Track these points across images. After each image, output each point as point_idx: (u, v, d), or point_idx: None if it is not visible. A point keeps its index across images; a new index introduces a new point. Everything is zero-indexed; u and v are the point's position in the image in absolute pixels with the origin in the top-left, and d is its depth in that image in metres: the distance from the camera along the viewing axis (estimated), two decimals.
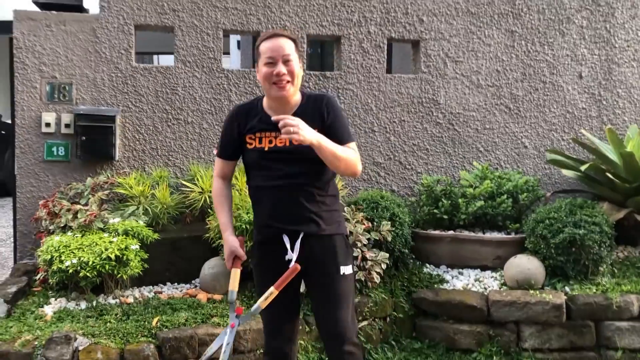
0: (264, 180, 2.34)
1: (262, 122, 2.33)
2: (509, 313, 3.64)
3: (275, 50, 2.24)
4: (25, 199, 4.11)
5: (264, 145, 2.31)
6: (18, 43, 4.05)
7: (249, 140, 2.35)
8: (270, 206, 2.33)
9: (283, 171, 2.29)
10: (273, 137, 2.30)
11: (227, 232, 2.42)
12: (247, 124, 2.35)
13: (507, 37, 4.77)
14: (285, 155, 2.29)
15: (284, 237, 2.33)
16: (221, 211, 2.46)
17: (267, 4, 4.38)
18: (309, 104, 2.35)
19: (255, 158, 2.35)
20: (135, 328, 3.14)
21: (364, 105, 4.58)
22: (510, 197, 4.19)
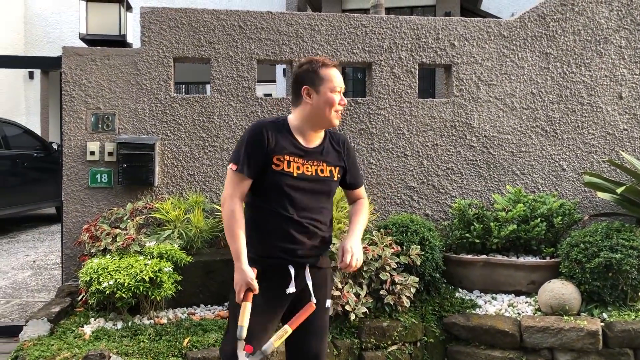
0: (282, 208, 2.26)
1: (293, 146, 2.29)
2: (542, 339, 3.56)
3: (341, 81, 2.32)
4: (71, 224, 4.33)
5: (292, 170, 2.27)
6: (66, 77, 4.32)
7: (277, 162, 2.26)
8: (283, 236, 2.26)
9: (305, 202, 2.28)
10: (301, 163, 2.29)
11: (242, 261, 2.22)
12: (278, 144, 2.27)
13: (541, 60, 4.73)
14: (311, 184, 2.29)
15: (290, 268, 2.28)
16: (239, 237, 2.24)
17: (299, 34, 4.52)
18: (331, 140, 2.41)
19: (280, 182, 2.25)
20: (167, 348, 3.25)
21: (396, 129, 4.63)
22: (545, 221, 4.11)
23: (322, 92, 2.28)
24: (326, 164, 2.34)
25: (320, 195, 2.33)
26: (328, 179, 2.34)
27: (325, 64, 2.31)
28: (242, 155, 2.26)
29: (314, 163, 2.31)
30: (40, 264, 6.46)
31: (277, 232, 2.26)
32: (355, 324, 3.60)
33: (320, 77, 2.28)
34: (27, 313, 4.63)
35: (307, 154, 2.31)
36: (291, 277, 2.27)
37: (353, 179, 2.49)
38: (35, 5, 12.70)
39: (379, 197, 4.61)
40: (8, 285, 5.58)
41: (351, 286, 3.62)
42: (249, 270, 2.20)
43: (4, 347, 3.96)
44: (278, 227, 2.26)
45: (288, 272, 2.27)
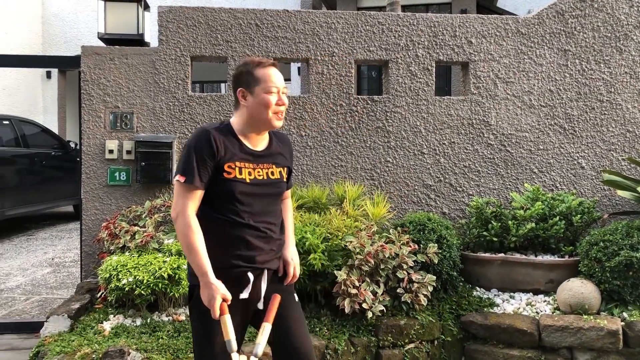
0: (237, 216, 2.17)
1: (242, 151, 2.20)
2: (561, 338, 3.53)
3: (280, 80, 2.21)
4: (90, 222, 4.38)
5: (244, 177, 2.18)
6: (85, 76, 4.37)
7: (228, 169, 2.15)
8: (240, 244, 2.18)
9: (259, 207, 2.21)
10: (252, 168, 2.21)
11: (210, 275, 2.09)
12: (228, 150, 2.17)
13: (559, 57, 4.69)
14: (264, 188, 2.22)
15: (249, 274, 2.19)
16: (200, 251, 2.10)
17: (315, 32, 4.52)
18: (276, 140, 2.33)
19: (233, 190, 2.16)
20: (185, 344, 3.27)
21: (413, 127, 4.61)
22: (563, 219, 4.08)
23: (256, 93, 2.17)
24: (275, 165, 2.28)
25: (272, 198, 2.28)
26: (278, 181, 2.29)
27: (260, 63, 2.21)
28: (191, 166, 2.12)
29: (264, 166, 2.24)
30: (59, 262, 6.54)
31: (234, 240, 2.17)
32: (372, 322, 3.60)
33: (255, 78, 2.18)
34: (47, 309, 4.68)
35: (256, 158, 2.23)
36: (249, 283, 2.19)
37: (289, 178, 2.42)
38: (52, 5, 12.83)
39: (396, 196, 4.60)
40: (28, 282, 5.66)
41: (368, 284, 3.62)
42: (218, 283, 2.09)
43: (25, 342, 4.01)
44: (234, 235, 2.17)
45: (247, 279, 2.19)
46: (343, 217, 3.98)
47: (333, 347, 3.41)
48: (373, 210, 4.12)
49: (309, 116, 4.54)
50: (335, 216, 3.97)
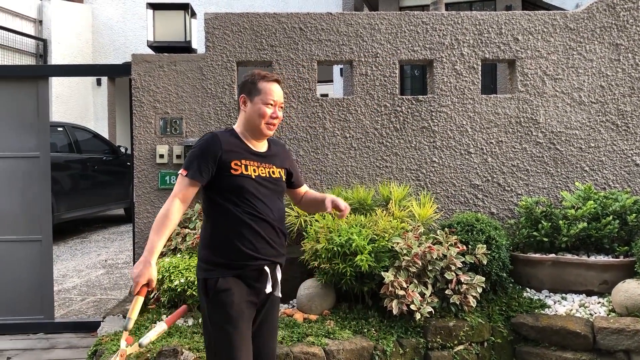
0: (250, 209, 2.34)
1: (247, 151, 2.41)
2: (617, 341, 3.44)
3: (278, 95, 2.43)
4: (142, 224, 4.51)
5: (250, 173, 2.36)
6: (135, 83, 4.50)
7: (235, 166, 2.35)
8: (260, 238, 2.34)
9: (269, 202, 2.39)
10: (256, 166, 2.40)
11: (152, 257, 2.23)
12: (233, 149, 2.37)
13: (611, 51, 4.56)
14: (269, 184, 2.41)
15: (266, 268, 2.38)
16: (159, 233, 2.25)
17: (359, 33, 4.53)
18: (275, 145, 2.56)
19: (241, 184, 2.34)
20: None
21: (459, 127, 4.57)
22: (617, 219, 3.97)
23: (255, 102, 2.40)
24: (275, 166, 2.47)
25: (277, 195, 2.46)
26: (279, 180, 2.48)
27: (265, 77, 2.43)
28: (194, 163, 2.34)
29: (266, 166, 2.43)
30: (112, 263, 6.75)
31: (251, 235, 2.33)
32: (421, 323, 3.58)
33: (256, 89, 2.41)
34: (102, 309, 4.85)
35: (259, 158, 2.43)
36: (268, 276, 2.38)
37: (297, 179, 2.66)
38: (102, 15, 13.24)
39: (442, 196, 4.56)
40: (83, 283, 5.86)
41: (416, 285, 3.61)
42: (154, 269, 2.24)
43: (83, 341, 4.16)
44: (251, 230, 2.33)
45: (264, 272, 2.37)
46: (389, 218, 3.98)
47: (381, 349, 3.41)
48: (419, 211, 4.11)
49: (353, 118, 4.56)
50: (381, 217, 3.97)
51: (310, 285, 3.82)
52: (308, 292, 3.79)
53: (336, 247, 3.60)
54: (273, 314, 2.48)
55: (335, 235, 3.67)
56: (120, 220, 9.99)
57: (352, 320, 3.66)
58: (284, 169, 2.53)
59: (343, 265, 3.60)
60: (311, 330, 3.49)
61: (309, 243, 3.81)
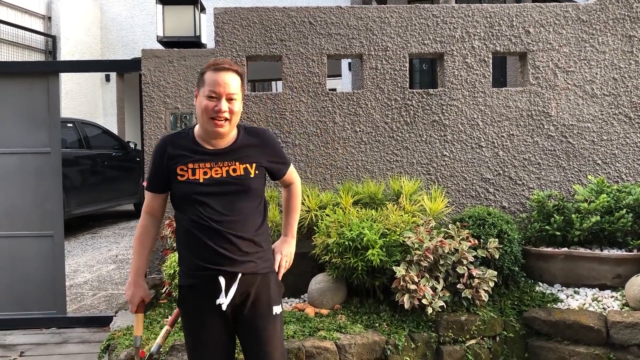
0: (196, 217, 2.15)
1: (196, 153, 2.19)
2: (631, 335, 3.41)
3: (221, 85, 2.12)
4: None
5: (198, 177, 2.16)
6: (145, 79, 4.50)
7: (181, 172, 2.17)
8: (206, 246, 2.15)
9: (220, 206, 2.16)
10: (208, 168, 2.17)
11: (140, 277, 2.28)
12: (178, 154, 2.19)
13: (624, 43, 4.51)
14: (223, 187, 2.17)
15: (220, 279, 2.14)
16: (140, 253, 2.28)
17: (368, 27, 4.51)
18: (246, 136, 2.26)
19: (188, 192, 2.16)
20: None
21: (470, 120, 4.54)
22: (631, 212, 3.93)
23: (200, 95, 2.16)
24: (239, 162, 2.20)
25: (237, 196, 2.19)
26: (243, 178, 2.20)
27: (213, 65, 2.16)
28: (150, 173, 2.28)
29: (224, 164, 2.19)
30: (122, 258, 6.77)
31: (197, 243, 2.16)
32: (432, 317, 3.57)
33: (202, 80, 2.16)
34: (113, 304, 4.87)
35: (214, 157, 2.19)
36: (221, 288, 2.14)
37: (278, 171, 2.38)
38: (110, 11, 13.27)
39: (453, 190, 4.54)
40: (94, 278, 5.89)
41: (427, 280, 3.60)
42: (145, 286, 2.31)
43: (95, 336, 4.19)
44: (196, 237, 2.16)
45: (218, 283, 2.14)
46: (400, 213, 3.97)
47: (393, 343, 3.41)
48: (430, 205, 4.09)
49: (363, 112, 4.54)
50: (392, 211, 3.96)
51: (321, 279, 3.81)
52: (319, 286, 3.78)
53: (347, 241, 3.59)
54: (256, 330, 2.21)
55: (347, 230, 3.66)
56: (130, 215, 10.02)
57: (364, 315, 3.66)
58: (255, 163, 2.23)
59: (354, 259, 3.59)
60: (323, 325, 3.49)
61: (320, 237, 3.80)
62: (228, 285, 2.15)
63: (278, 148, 2.38)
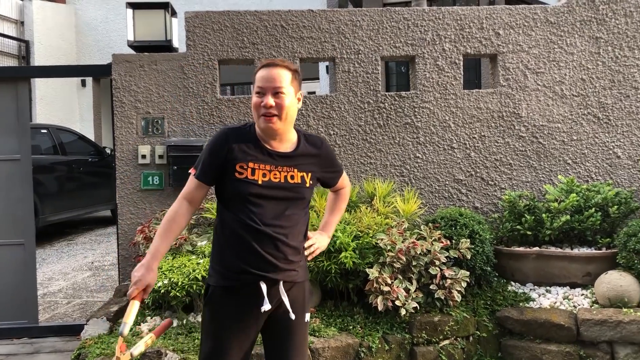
0: (248, 219, 2.11)
1: (258, 152, 2.15)
2: (600, 332, 3.46)
3: (268, 80, 2.12)
4: (125, 226, 4.48)
5: (257, 178, 2.12)
6: (116, 83, 4.46)
7: (240, 170, 2.12)
8: (251, 249, 2.10)
9: (272, 211, 2.13)
10: (267, 170, 2.14)
11: (155, 262, 2.13)
12: (240, 150, 2.14)
13: (591, 44, 4.59)
14: (279, 192, 2.14)
15: (262, 284, 2.11)
16: (163, 237, 2.16)
17: (340, 30, 4.52)
18: (306, 143, 2.25)
19: (244, 191, 2.11)
20: None
21: (442, 122, 4.57)
22: (600, 211, 3.99)
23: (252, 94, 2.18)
24: (297, 169, 2.18)
25: (290, 203, 2.16)
26: (298, 186, 2.18)
27: (263, 64, 2.18)
28: (202, 162, 2.19)
29: (283, 169, 2.16)
30: (98, 265, 6.70)
31: (242, 245, 2.12)
32: (406, 319, 3.59)
33: (254, 80, 2.17)
34: (88, 312, 4.81)
35: (276, 160, 2.16)
36: (263, 294, 2.10)
37: (331, 180, 2.41)
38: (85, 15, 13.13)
39: (426, 191, 4.57)
40: (69, 285, 5.82)
41: (401, 281, 3.61)
42: (156, 273, 2.14)
43: (68, 345, 4.13)
44: (242, 239, 2.11)
45: (260, 288, 2.10)
46: (373, 215, 3.98)
47: (367, 345, 3.42)
48: (404, 206, 4.11)
49: (337, 115, 4.55)
50: (365, 214, 3.97)
51: None
52: None
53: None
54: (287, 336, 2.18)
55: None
56: (106, 221, 9.92)
57: (338, 318, 3.66)
58: (311, 172, 2.21)
59: (328, 262, 3.59)
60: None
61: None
62: (269, 291, 2.11)
63: (333, 157, 2.39)
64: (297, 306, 2.19)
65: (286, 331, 2.18)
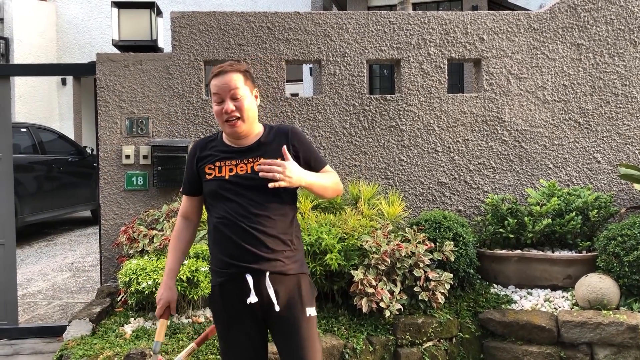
0: (225, 213, 2.17)
1: (222, 152, 2.25)
2: (580, 334, 3.52)
3: (222, 87, 2.18)
4: (109, 226, 4.44)
5: (224, 174, 2.20)
6: (100, 83, 4.43)
7: (208, 171, 2.24)
8: (231, 242, 2.16)
9: (246, 202, 2.16)
10: (234, 165, 2.21)
11: (171, 279, 2.31)
12: (207, 155, 2.26)
13: (572, 51, 4.67)
14: (248, 182, 2.17)
15: (247, 276, 2.14)
16: (172, 254, 2.34)
17: (326, 33, 4.54)
18: (271, 135, 2.28)
19: (215, 188, 2.20)
20: (205, 346, 3.31)
21: (426, 126, 4.61)
22: (580, 214, 4.06)
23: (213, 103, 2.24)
24: (263, 157, 2.18)
25: (263, 192, 2.14)
26: None
27: (213, 74, 2.21)
28: (184, 176, 2.37)
29: (249, 161, 2.21)
30: (79, 266, 6.62)
31: (223, 239, 2.18)
32: (390, 320, 3.61)
33: (210, 90, 2.23)
34: (68, 314, 4.75)
35: (238, 154, 2.22)
36: (250, 286, 2.13)
37: (313, 164, 2.28)
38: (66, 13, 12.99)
39: (411, 194, 4.61)
40: (49, 287, 5.74)
41: (385, 283, 3.63)
42: (175, 291, 2.34)
43: (48, 346, 4.08)
44: (223, 234, 2.18)
45: (246, 281, 2.14)
46: (358, 217, 4.00)
47: (351, 347, 3.43)
48: (388, 209, 4.14)
49: (322, 117, 4.56)
50: (350, 216, 3.99)
51: None
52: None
53: (306, 246, 3.60)
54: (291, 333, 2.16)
55: (305, 234, 3.67)
56: (86, 222, 9.81)
57: (322, 319, 3.67)
58: (277, 158, 2.15)
59: (313, 264, 3.60)
60: None
61: None
62: (256, 284, 2.13)
63: (309, 146, 2.31)
64: (293, 301, 2.17)
65: (289, 328, 2.16)
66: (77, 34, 12.97)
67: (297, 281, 2.22)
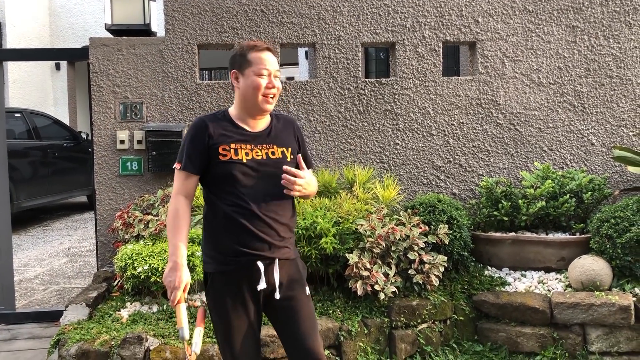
0: (238, 199, 2.16)
1: (237, 134, 2.22)
2: (573, 315, 3.56)
3: (271, 63, 2.22)
4: (104, 212, 4.44)
5: (241, 157, 2.18)
6: (94, 67, 4.40)
7: (223, 152, 2.17)
8: (245, 230, 2.15)
9: (261, 188, 2.18)
10: (249, 149, 2.21)
11: (178, 259, 2.15)
12: (220, 134, 2.20)
13: (568, 33, 4.65)
14: (264, 168, 2.19)
15: (259, 264, 2.17)
16: (179, 234, 2.17)
17: (321, 16, 4.51)
18: (278, 122, 2.34)
19: (231, 171, 2.16)
20: None
21: (421, 109, 4.61)
22: (574, 197, 4.08)
23: (247, 74, 2.20)
24: (276, 145, 2.26)
25: (276, 180, 2.17)
26: (280, 161, 2.23)
27: (254, 47, 2.23)
28: (185, 153, 2.21)
29: (263, 147, 2.23)
30: (75, 251, 6.64)
31: (236, 227, 2.16)
32: (385, 303, 3.64)
33: (247, 60, 2.21)
34: (65, 298, 4.78)
35: (254, 139, 2.23)
36: (260, 273, 2.16)
37: (307, 163, 2.39)
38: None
39: (405, 178, 4.62)
40: (45, 272, 5.76)
41: (380, 266, 3.66)
42: (185, 272, 2.16)
43: (46, 331, 4.11)
44: (235, 221, 2.16)
45: (257, 268, 2.17)
46: (353, 201, 4.01)
47: (346, 329, 3.46)
48: (383, 193, 4.15)
49: (317, 101, 4.56)
50: (345, 200, 4.00)
51: None
52: None
53: (301, 230, 3.62)
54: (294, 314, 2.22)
55: (300, 219, 3.68)
56: (83, 207, 9.82)
57: (318, 302, 3.69)
58: (290, 147, 2.29)
59: (308, 248, 3.62)
60: None
61: None
62: (266, 270, 2.17)
63: (304, 139, 2.45)
64: (295, 282, 2.26)
65: (294, 307, 2.23)
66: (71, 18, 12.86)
67: (296, 264, 2.31)
